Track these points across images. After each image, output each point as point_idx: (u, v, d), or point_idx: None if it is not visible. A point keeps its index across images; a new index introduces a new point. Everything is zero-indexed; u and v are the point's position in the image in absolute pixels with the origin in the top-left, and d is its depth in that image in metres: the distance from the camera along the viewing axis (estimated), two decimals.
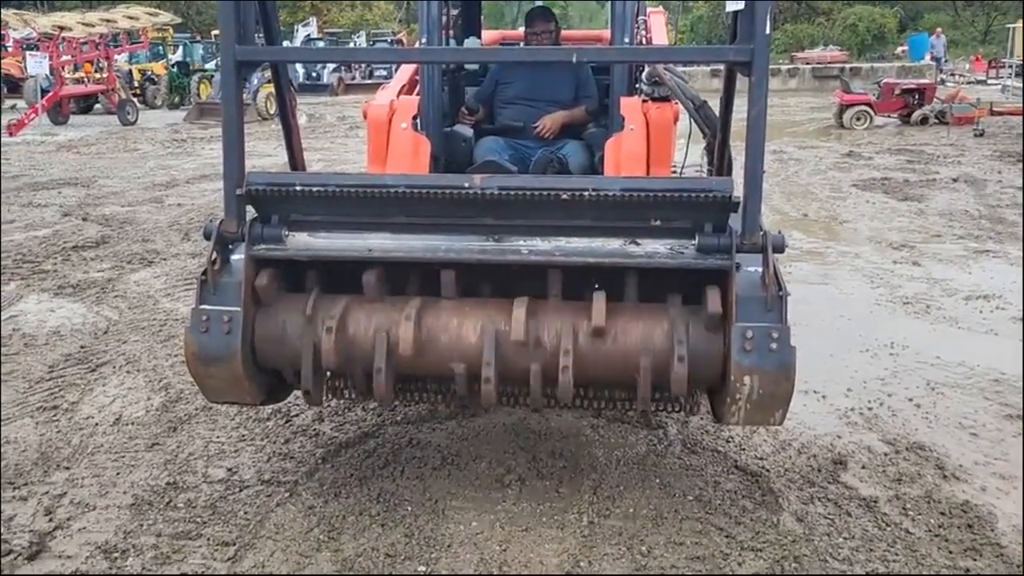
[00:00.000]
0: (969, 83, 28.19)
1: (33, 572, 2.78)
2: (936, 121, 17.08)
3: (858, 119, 17.26)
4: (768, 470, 3.43)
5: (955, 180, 10.56)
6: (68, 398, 4.15)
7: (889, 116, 17.90)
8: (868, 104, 17.52)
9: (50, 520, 3.07)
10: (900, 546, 2.91)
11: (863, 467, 3.46)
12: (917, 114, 17.28)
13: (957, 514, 3.09)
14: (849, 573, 2.77)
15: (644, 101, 4.22)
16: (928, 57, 30.96)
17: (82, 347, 4.86)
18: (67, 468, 3.45)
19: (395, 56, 3.87)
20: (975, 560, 2.83)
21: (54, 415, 3.96)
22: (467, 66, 5.32)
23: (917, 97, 17.66)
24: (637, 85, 4.52)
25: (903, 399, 4.12)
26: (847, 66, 30.68)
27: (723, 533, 2.98)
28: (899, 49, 39.42)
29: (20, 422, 3.88)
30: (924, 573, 2.76)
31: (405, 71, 4.98)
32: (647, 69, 4.24)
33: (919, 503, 3.18)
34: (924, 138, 15.25)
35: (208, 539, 2.95)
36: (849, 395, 4.17)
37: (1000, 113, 16.76)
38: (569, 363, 2.63)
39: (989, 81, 29.64)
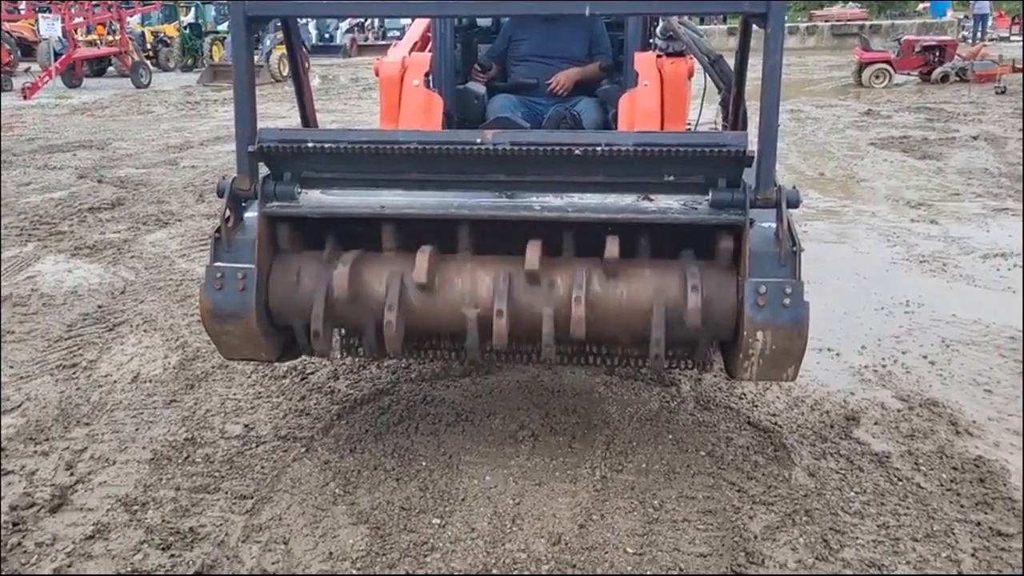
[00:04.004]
0: (992, 40, 27.64)
1: (56, 523, 2.84)
2: (957, 78, 16.83)
3: (877, 77, 17.02)
4: (781, 426, 3.44)
5: (975, 138, 10.43)
6: (87, 356, 4.21)
7: (909, 74, 17.65)
8: (888, 62, 17.27)
9: (71, 474, 3.13)
10: (911, 500, 2.92)
11: (876, 423, 3.47)
12: (938, 71, 17.02)
13: (969, 469, 3.10)
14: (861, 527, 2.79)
15: (658, 56, 4.17)
16: (947, 17, 30.14)
17: (99, 307, 4.91)
18: (87, 424, 3.51)
19: (408, 10, 3.85)
20: (986, 514, 2.84)
21: (73, 373, 4.01)
22: (480, 22, 5.27)
23: (938, 54, 17.41)
24: (651, 40, 4.47)
25: (917, 356, 4.11)
26: (867, 23, 30.16)
27: (735, 488, 3.00)
28: (920, 6, 38.63)
29: (40, 380, 3.94)
30: (935, 528, 2.78)
31: (417, 28, 4.94)
32: (661, 24, 4.19)
33: (931, 458, 3.18)
34: (944, 96, 15.03)
35: (226, 493, 2.99)
36: (863, 352, 4.16)
37: (1022, 70, 16.46)
38: (582, 295, 2.61)
39: (1012, 38, 29.09)
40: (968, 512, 2.85)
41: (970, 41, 25.64)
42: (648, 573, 2.58)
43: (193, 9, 29.02)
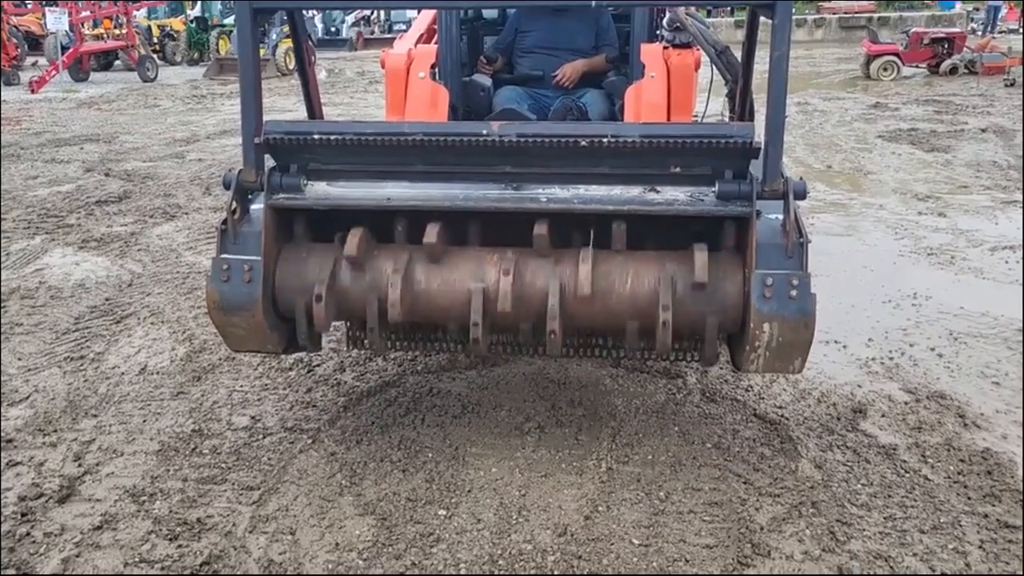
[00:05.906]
0: (1001, 32, 27.48)
1: (64, 514, 2.86)
2: (966, 71, 16.73)
3: (885, 70, 16.93)
4: (787, 418, 3.43)
5: (983, 130, 10.38)
6: (94, 348, 4.22)
7: (917, 66, 17.55)
8: (896, 54, 17.17)
9: (79, 465, 3.14)
10: (918, 492, 2.91)
11: (883, 416, 3.46)
12: (946, 64, 16.92)
13: (977, 461, 3.09)
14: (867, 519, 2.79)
15: (665, 48, 4.16)
16: (955, 9, 29.86)
17: (107, 299, 4.92)
18: (95, 416, 3.52)
19: (413, 2, 3.86)
20: (994, 506, 2.83)
21: (81, 365, 4.03)
22: (486, 14, 5.26)
23: (946, 46, 17.29)
24: (658, 31, 4.46)
25: (925, 349, 4.10)
26: (875, 16, 29.98)
27: (741, 479, 3.00)
28: None
29: (48, 372, 3.95)
30: (942, 520, 2.77)
31: (423, 20, 4.94)
32: (668, 15, 4.17)
33: (939, 450, 3.18)
34: (953, 88, 14.96)
35: (233, 484, 3.00)
36: (871, 345, 4.15)
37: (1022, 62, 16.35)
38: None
39: (1021, 30, 28.88)
40: (975, 504, 2.85)
41: (979, 33, 25.45)
42: (654, 564, 2.58)
43: (199, 3, 29.02)
